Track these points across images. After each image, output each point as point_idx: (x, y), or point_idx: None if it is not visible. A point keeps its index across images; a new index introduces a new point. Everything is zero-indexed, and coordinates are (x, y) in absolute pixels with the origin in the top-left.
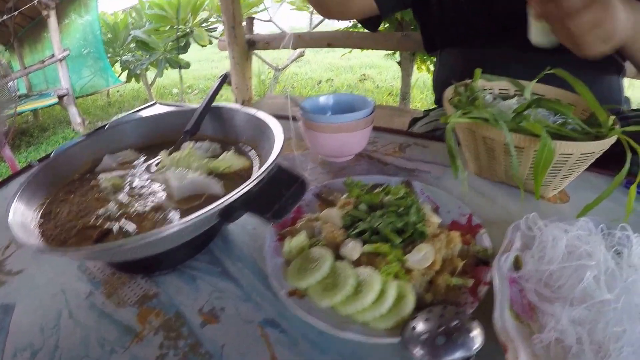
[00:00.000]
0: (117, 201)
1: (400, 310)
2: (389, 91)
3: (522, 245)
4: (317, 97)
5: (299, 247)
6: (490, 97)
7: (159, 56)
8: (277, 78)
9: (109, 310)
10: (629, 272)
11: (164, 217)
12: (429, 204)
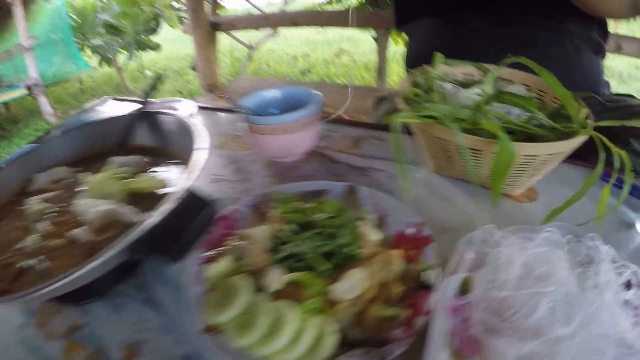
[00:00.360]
0: (37, 232)
1: (318, 353)
2: (366, 65)
3: (475, 263)
4: (261, 92)
5: (221, 273)
6: (451, 86)
7: (129, 40)
8: (250, 56)
9: (39, 344)
10: (593, 296)
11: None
12: (375, 214)
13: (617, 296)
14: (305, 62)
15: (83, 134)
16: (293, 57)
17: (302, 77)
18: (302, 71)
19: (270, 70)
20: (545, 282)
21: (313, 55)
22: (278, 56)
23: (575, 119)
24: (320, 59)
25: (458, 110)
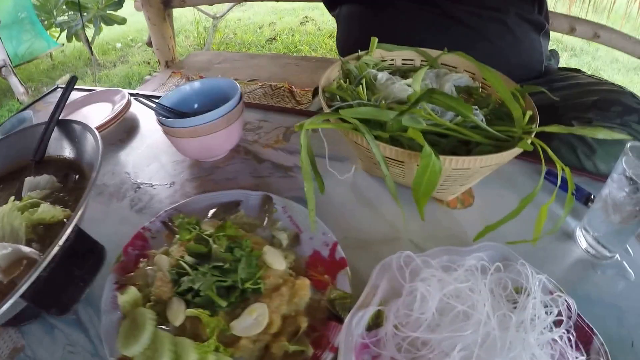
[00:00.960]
0: None
1: None
2: (330, 33)
3: (390, 293)
4: (179, 88)
5: (131, 301)
6: (385, 75)
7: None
8: (215, 26)
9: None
10: (516, 338)
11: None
12: (289, 230)
13: (543, 336)
14: (271, 31)
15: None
16: (260, 26)
17: (267, 45)
18: (268, 39)
19: (237, 39)
20: (463, 322)
21: (279, 24)
22: (244, 25)
23: (518, 122)
24: (286, 28)
25: (381, 113)
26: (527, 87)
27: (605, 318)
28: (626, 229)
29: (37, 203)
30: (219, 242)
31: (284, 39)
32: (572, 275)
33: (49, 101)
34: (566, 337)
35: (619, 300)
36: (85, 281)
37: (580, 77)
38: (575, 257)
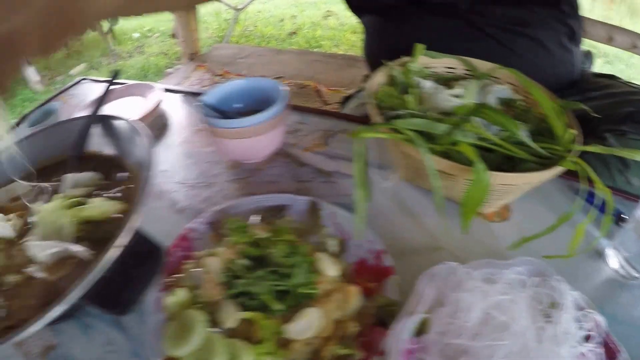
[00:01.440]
0: None
1: None
2: (353, 29)
3: (434, 301)
4: (223, 85)
5: (179, 303)
6: (430, 84)
7: None
8: (236, 18)
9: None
10: (548, 349)
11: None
12: (336, 237)
13: (574, 350)
14: (292, 24)
15: (37, 142)
16: (280, 19)
17: (288, 39)
18: (289, 33)
19: (257, 32)
20: (502, 332)
21: (300, 17)
22: (265, 18)
23: (561, 140)
24: (307, 21)
25: (433, 125)
26: (568, 103)
27: (629, 338)
28: None
29: (83, 201)
30: (278, 247)
31: (305, 33)
32: (600, 293)
33: (71, 93)
34: (595, 352)
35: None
36: (145, 281)
37: (615, 85)
38: (604, 276)
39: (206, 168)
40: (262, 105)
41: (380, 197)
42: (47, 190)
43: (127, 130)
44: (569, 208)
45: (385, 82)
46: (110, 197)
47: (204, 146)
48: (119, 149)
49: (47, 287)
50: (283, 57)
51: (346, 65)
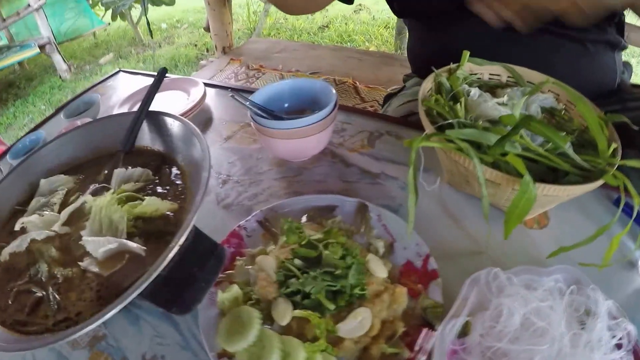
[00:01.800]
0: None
1: None
2: (386, 24)
3: (477, 305)
4: (271, 86)
5: (232, 299)
6: (477, 92)
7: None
8: (267, 11)
9: (65, 352)
10: (582, 355)
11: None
12: (384, 239)
13: (606, 357)
14: (324, 18)
15: (85, 135)
16: None
17: (320, 33)
18: (320, 27)
19: (288, 24)
20: (540, 337)
21: (331, 10)
22: None
23: (603, 154)
24: (338, 15)
25: (484, 135)
26: (611, 116)
27: None
28: None
29: (134, 197)
30: (332, 248)
31: (337, 27)
32: (632, 302)
33: (107, 85)
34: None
35: None
36: (206, 281)
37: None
38: (636, 286)
39: (252, 165)
40: (309, 104)
41: (425, 201)
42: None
43: (180, 128)
44: (605, 216)
45: (433, 88)
46: (160, 195)
47: (250, 143)
48: (169, 145)
49: (99, 284)
50: (317, 52)
51: (381, 63)
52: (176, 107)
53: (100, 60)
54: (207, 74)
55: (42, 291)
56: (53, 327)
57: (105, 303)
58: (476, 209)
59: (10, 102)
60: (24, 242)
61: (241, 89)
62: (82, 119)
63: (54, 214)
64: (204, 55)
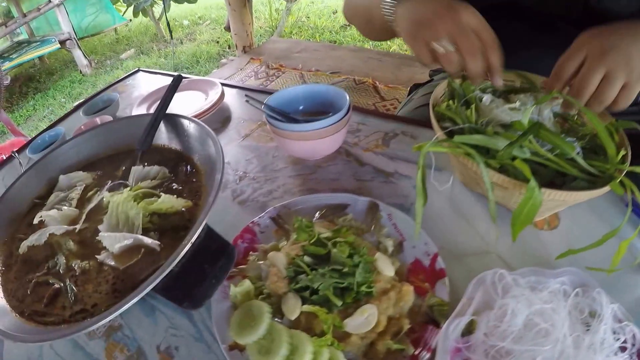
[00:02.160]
0: (64, 250)
1: None
2: None
3: (482, 305)
4: (286, 91)
5: (244, 293)
6: (489, 97)
7: None
8: (289, 9)
9: (82, 342)
10: (586, 357)
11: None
12: (393, 237)
13: (609, 359)
14: None
15: (102, 135)
16: (334, 10)
17: (342, 32)
18: (342, 26)
19: (310, 23)
20: (543, 338)
21: None
22: (318, 9)
23: (611, 160)
24: None
25: (492, 141)
26: (622, 123)
27: None
28: None
29: (150, 193)
30: (341, 247)
31: None
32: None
33: (127, 83)
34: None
35: None
36: (217, 279)
37: None
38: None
39: (268, 162)
40: (324, 107)
41: (436, 200)
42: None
43: (196, 130)
44: (618, 218)
45: (447, 92)
46: (176, 192)
47: (267, 141)
48: (185, 145)
49: (115, 277)
50: (338, 53)
51: (402, 64)
52: (194, 107)
53: (121, 56)
54: (227, 72)
55: (59, 283)
56: (70, 318)
57: (121, 295)
58: (487, 209)
59: (30, 96)
60: (42, 236)
61: (258, 89)
62: (101, 117)
63: (72, 209)
64: (225, 52)
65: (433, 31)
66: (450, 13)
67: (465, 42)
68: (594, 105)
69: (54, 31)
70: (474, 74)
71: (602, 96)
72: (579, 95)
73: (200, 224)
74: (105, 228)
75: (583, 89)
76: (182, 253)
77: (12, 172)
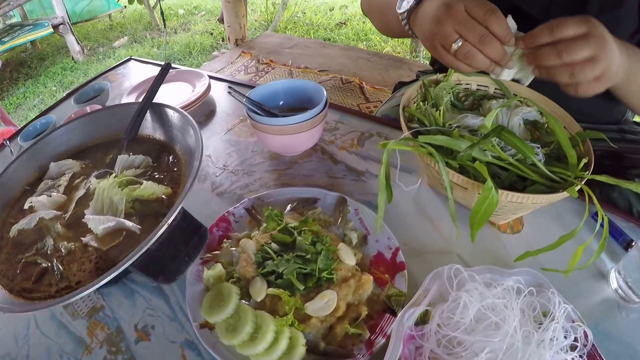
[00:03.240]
0: (52, 232)
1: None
2: None
3: (438, 297)
4: (267, 85)
5: (216, 276)
6: (458, 104)
7: None
8: (285, 4)
9: (66, 321)
10: (535, 352)
11: (88, 261)
12: (359, 231)
13: (558, 356)
14: (342, 14)
15: (94, 122)
16: (331, 7)
17: (337, 29)
18: (337, 24)
19: (305, 19)
20: (494, 331)
21: (351, 7)
22: (314, 5)
23: (572, 168)
24: (358, 12)
25: (455, 142)
26: (590, 133)
27: (619, 355)
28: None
29: (134, 181)
30: (304, 235)
31: (355, 24)
32: (599, 311)
33: (118, 72)
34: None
35: (636, 342)
36: (189, 257)
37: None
38: (605, 296)
39: (247, 156)
40: (303, 102)
41: (403, 200)
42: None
43: (179, 120)
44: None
45: (420, 94)
46: (158, 180)
47: (247, 136)
48: (169, 135)
49: (98, 257)
50: (329, 51)
51: (391, 66)
52: (181, 98)
53: (114, 44)
54: (217, 65)
55: (47, 262)
56: (55, 294)
57: (103, 274)
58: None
59: (21, 82)
60: (32, 220)
61: (242, 84)
62: (91, 106)
63: (60, 195)
64: (219, 44)
65: (443, 39)
66: (448, 12)
67: (470, 34)
68: (564, 73)
69: (47, 15)
70: (497, 58)
71: (579, 71)
72: (559, 56)
73: (178, 206)
74: (91, 212)
75: (570, 53)
76: (159, 232)
77: (3, 160)
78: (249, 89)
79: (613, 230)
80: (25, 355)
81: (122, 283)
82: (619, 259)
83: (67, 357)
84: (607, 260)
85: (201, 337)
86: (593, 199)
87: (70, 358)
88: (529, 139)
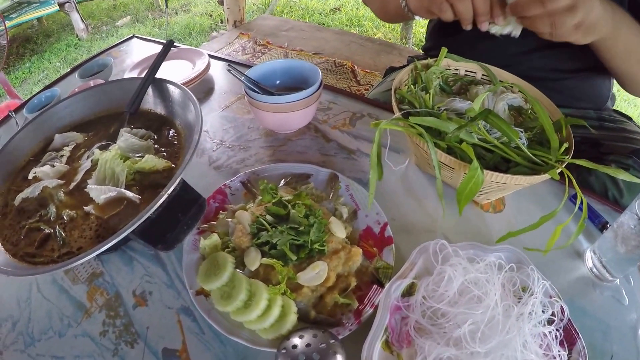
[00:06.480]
0: (55, 200)
1: (281, 327)
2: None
3: (423, 270)
4: (265, 64)
5: (212, 246)
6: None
7: None
8: None
9: (66, 285)
10: (514, 325)
11: (89, 228)
12: (349, 206)
13: (536, 328)
14: (337, 0)
15: (97, 95)
16: None
17: (331, 15)
18: (332, 9)
19: (301, 4)
20: (476, 304)
21: None
22: None
23: (554, 152)
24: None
25: (443, 124)
26: (571, 120)
27: (593, 330)
28: (630, 259)
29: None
30: (298, 208)
31: (349, 10)
32: (575, 288)
33: (121, 49)
34: (554, 334)
35: (609, 318)
36: (188, 226)
37: (630, 124)
38: (580, 274)
39: (244, 133)
40: (299, 82)
41: (392, 178)
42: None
43: (180, 95)
44: (560, 211)
45: (411, 77)
46: (158, 152)
47: (244, 113)
48: (169, 110)
49: (99, 225)
50: (323, 35)
51: (381, 51)
52: (181, 75)
53: (117, 22)
54: (216, 45)
55: (50, 229)
56: (57, 259)
57: (103, 241)
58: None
59: (27, 57)
60: (37, 188)
61: (241, 63)
62: (95, 80)
63: (63, 165)
64: (218, 26)
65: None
66: None
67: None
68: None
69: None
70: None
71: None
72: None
73: (178, 177)
74: (94, 182)
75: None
76: (160, 202)
77: (9, 131)
78: (247, 68)
79: (590, 213)
80: (27, 318)
81: (121, 250)
82: (594, 239)
83: (67, 320)
84: (583, 240)
85: (197, 304)
86: (573, 181)
87: (70, 321)
88: (512, 124)
